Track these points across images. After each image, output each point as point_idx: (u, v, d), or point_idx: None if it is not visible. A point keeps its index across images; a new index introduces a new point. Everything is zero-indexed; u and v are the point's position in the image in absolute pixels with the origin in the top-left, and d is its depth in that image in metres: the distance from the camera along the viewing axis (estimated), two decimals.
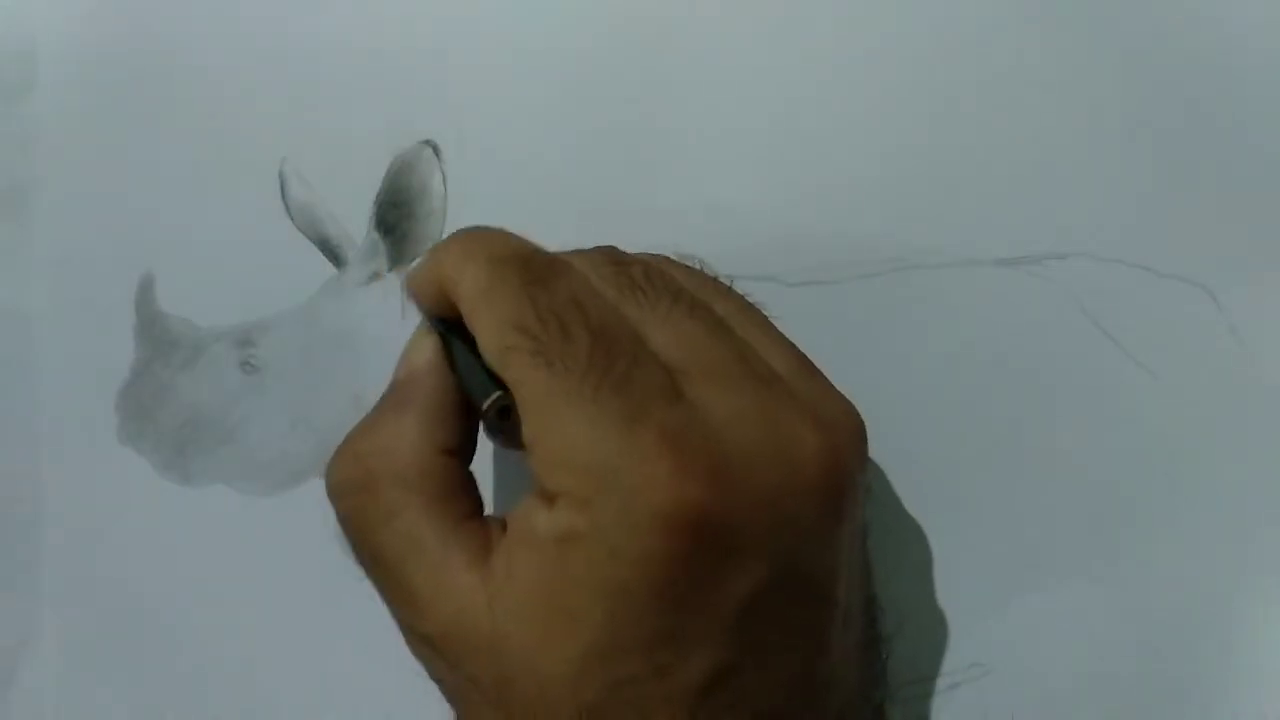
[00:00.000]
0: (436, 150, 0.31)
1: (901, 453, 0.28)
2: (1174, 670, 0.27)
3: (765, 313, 0.26)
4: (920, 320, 0.28)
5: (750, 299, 0.26)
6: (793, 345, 0.25)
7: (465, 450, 0.25)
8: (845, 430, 0.24)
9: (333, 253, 0.31)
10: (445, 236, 0.28)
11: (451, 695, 0.24)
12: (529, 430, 0.23)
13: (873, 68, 0.29)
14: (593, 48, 0.30)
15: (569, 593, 0.22)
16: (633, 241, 0.26)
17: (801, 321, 0.26)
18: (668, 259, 0.27)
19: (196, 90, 0.32)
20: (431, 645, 0.23)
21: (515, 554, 0.23)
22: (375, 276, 0.31)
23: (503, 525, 0.23)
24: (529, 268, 0.24)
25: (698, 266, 0.28)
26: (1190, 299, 0.27)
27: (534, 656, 0.22)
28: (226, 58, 0.32)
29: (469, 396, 0.25)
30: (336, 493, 0.25)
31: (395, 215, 0.31)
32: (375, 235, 0.31)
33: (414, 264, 0.30)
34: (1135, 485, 0.27)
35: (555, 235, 0.25)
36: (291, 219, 0.32)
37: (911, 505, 0.28)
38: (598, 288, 0.24)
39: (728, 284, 0.27)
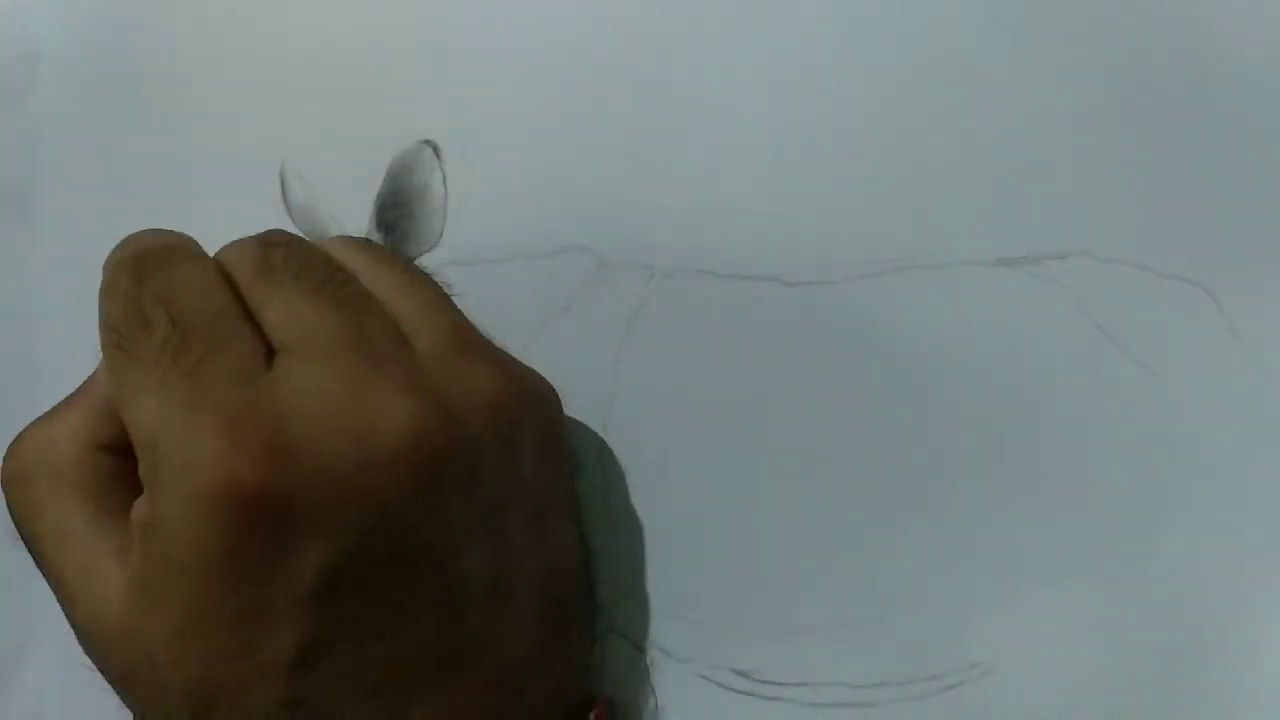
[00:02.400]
0: (436, 150, 0.31)
1: (901, 452, 0.28)
2: (1174, 670, 0.27)
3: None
4: (920, 320, 0.28)
5: (747, 299, 0.26)
6: (459, 323, 0.26)
7: (129, 444, 0.25)
8: (472, 404, 0.24)
9: None
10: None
11: (112, 686, 0.25)
12: (125, 421, 0.24)
13: (873, 67, 0.29)
14: (593, 47, 0.30)
15: (154, 575, 0.23)
16: (633, 241, 0.26)
17: (801, 321, 0.26)
18: (345, 239, 0.28)
19: (197, 91, 0.32)
20: (83, 636, 0.25)
21: (136, 541, 0.24)
22: None
23: None
24: (139, 264, 0.25)
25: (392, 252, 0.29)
26: (1190, 299, 0.27)
27: (144, 641, 0.23)
28: (226, 58, 0.32)
29: None
30: (2, 483, 0.26)
31: (395, 215, 0.31)
32: (375, 235, 0.31)
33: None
34: (1135, 485, 0.27)
35: (555, 235, 0.25)
36: (291, 219, 0.32)
37: (910, 504, 0.28)
38: (204, 277, 0.25)
39: (407, 260, 0.28)
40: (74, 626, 0.25)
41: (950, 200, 0.28)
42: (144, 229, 0.28)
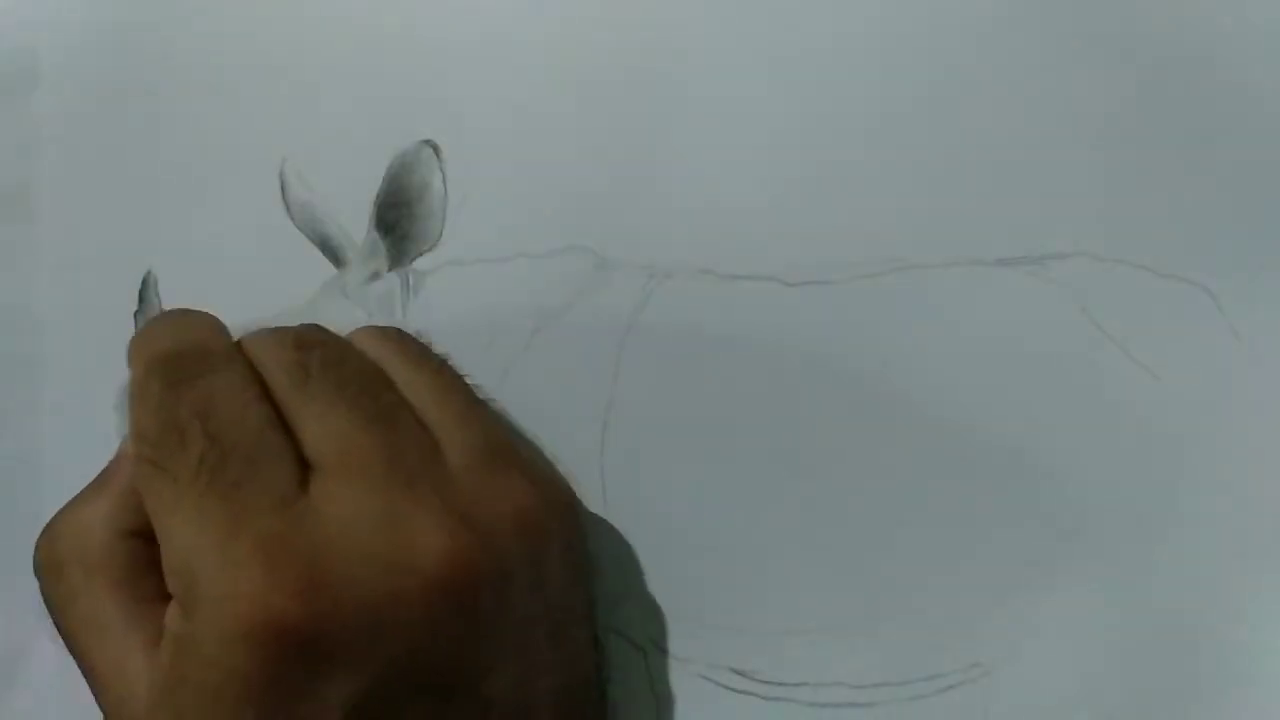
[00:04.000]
0: (436, 150, 0.31)
1: (901, 452, 0.28)
2: (1174, 671, 0.27)
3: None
4: (920, 320, 0.28)
5: (747, 299, 0.26)
6: (489, 429, 0.26)
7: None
8: (504, 524, 0.24)
9: (333, 253, 0.31)
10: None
11: None
12: (157, 535, 0.24)
13: (873, 67, 0.29)
14: (593, 47, 0.30)
15: (180, 692, 0.23)
16: (633, 241, 0.26)
17: (802, 321, 0.26)
18: (377, 333, 0.28)
19: (197, 90, 0.32)
20: None
21: (163, 647, 0.24)
22: (375, 276, 0.31)
23: None
24: (175, 368, 0.25)
25: (425, 341, 0.29)
26: (1190, 299, 0.27)
27: None
28: (226, 58, 0.32)
29: None
30: (36, 572, 0.26)
31: (395, 215, 0.31)
32: (375, 235, 0.31)
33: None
34: (1135, 485, 0.27)
35: (555, 235, 0.25)
36: (291, 219, 0.32)
37: (910, 505, 0.28)
38: (241, 388, 0.25)
39: (439, 360, 0.28)
40: (101, 709, 0.25)
41: (950, 200, 0.28)
42: (172, 315, 0.27)
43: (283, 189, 0.32)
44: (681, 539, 0.29)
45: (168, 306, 0.32)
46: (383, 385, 0.26)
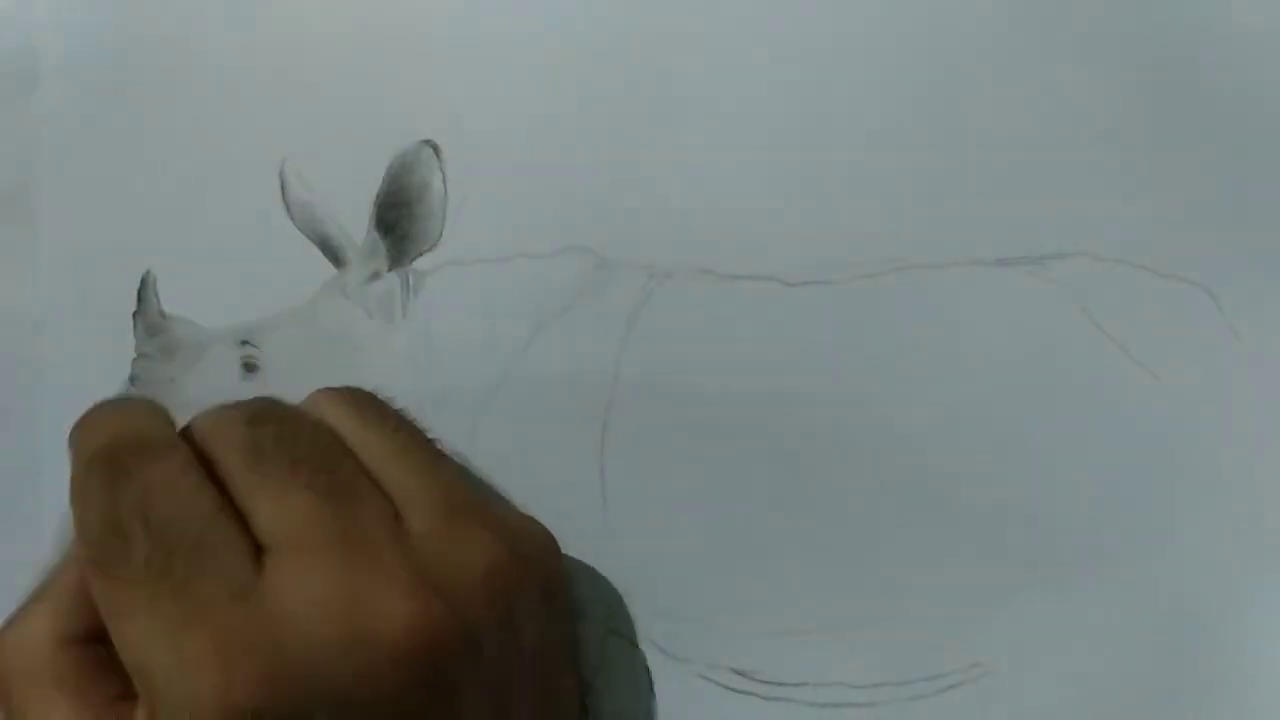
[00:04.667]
0: (436, 150, 0.31)
1: (901, 452, 0.28)
2: (1175, 671, 0.27)
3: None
4: (920, 320, 0.28)
5: (747, 299, 0.26)
6: (451, 487, 0.26)
7: (105, 632, 0.24)
8: (472, 584, 0.24)
9: (333, 253, 0.31)
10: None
11: None
12: (112, 637, 0.23)
13: (874, 68, 0.29)
14: (593, 47, 0.30)
15: None
16: (633, 241, 0.26)
17: (802, 321, 0.26)
18: (333, 395, 0.27)
19: (196, 90, 0.32)
20: None
21: None
22: (375, 276, 0.31)
23: None
24: (113, 462, 0.24)
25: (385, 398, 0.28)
26: (1190, 299, 0.27)
27: None
28: (226, 58, 0.32)
29: None
30: None
31: (395, 215, 0.31)
32: (375, 235, 0.31)
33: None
34: (1135, 485, 0.27)
35: (555, 235, 0.25)
36: (291, 219, 0.32)
37: (910, 505, 0.28)
38: (182, 478, 0.24)
39: (397, 419, 0.27)
40: None
41: (950, 200, 0.28)
42: (109, 404, 0.26)
43: (283, 189, 0.32)
44: (681, 539, 0.29)
45: (167, 307, 0.32)
46: (339, 456, 0.25)
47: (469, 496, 0.26)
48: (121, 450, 0.24)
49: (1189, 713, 0.27)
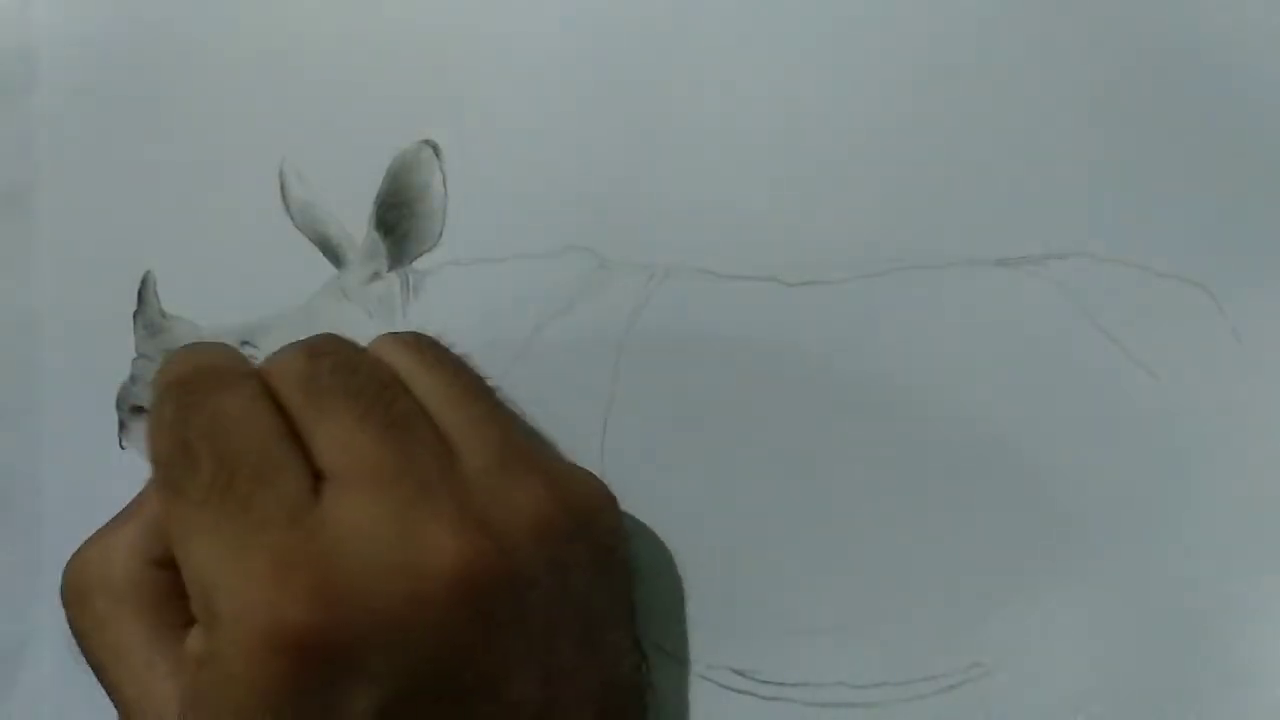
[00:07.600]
0: (436, 150, 0.31)
1: (901, 452, 0.28)
2: (1174, 671, 0.27)
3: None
4: (920, 320, 0.28)
5: (747, 299, 0.26)
6: (507, 433, 0.26)
7: None
8: (520, 529, 0.24)
9: (333, 253, 0.31)
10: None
11: None
12: (177, 558, 0.24)
13: (873, 67, 0.29)
14: (593, 47, 0.30)
15: (204, 711, 0.23)
16: (633, 241, 0.26)
17: (801, 321, 0.26)
18: (395, 339, 0.28)
19: (196, 90, 0.32)
20: None
21: (187, 668, 0.24)
22: (375, 276, 0.31)
23: None
24: (186, 390, 0.25)
25: (445, 343, 0.29)
26: (1190, 299, 0.27)
27: None
28: (226, 58, 0.32)
29: None
30: (62, 600, 0.26)
31: (395, 215, 0.31)
32: (375, 235, 0.31)
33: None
34: (1135, 485, 0.27)
35: (555, 235, 0.25)
36: (291, 219, 0.32)
37: (910, 505, 0.28)
38: (250, 405, 0.25)
39: (456, 364, 0.28)
40: None
41: (950, 200, 0.28)
42: (191, 345, 0.28)
43: (283, 189, 0.32)
44: (681, 539, 0.29)
45: (167, 307, 0.32)
46: (396, 392, 0.26)
47: (523, 444, 0.26)
48: (196, 379, 0.26)
49: (1189, 712, 0.27)
